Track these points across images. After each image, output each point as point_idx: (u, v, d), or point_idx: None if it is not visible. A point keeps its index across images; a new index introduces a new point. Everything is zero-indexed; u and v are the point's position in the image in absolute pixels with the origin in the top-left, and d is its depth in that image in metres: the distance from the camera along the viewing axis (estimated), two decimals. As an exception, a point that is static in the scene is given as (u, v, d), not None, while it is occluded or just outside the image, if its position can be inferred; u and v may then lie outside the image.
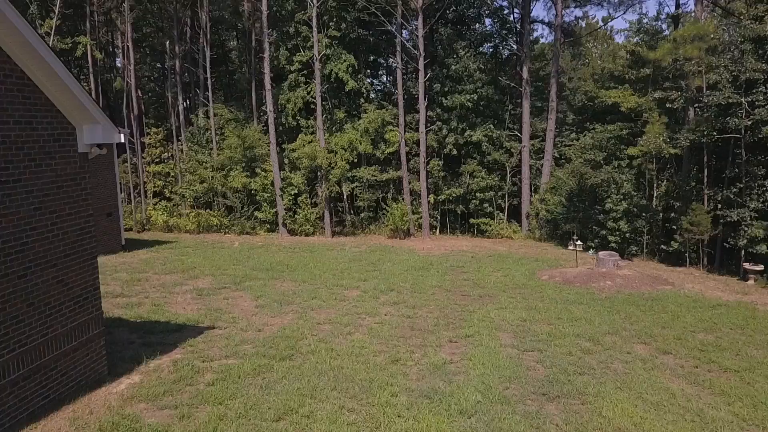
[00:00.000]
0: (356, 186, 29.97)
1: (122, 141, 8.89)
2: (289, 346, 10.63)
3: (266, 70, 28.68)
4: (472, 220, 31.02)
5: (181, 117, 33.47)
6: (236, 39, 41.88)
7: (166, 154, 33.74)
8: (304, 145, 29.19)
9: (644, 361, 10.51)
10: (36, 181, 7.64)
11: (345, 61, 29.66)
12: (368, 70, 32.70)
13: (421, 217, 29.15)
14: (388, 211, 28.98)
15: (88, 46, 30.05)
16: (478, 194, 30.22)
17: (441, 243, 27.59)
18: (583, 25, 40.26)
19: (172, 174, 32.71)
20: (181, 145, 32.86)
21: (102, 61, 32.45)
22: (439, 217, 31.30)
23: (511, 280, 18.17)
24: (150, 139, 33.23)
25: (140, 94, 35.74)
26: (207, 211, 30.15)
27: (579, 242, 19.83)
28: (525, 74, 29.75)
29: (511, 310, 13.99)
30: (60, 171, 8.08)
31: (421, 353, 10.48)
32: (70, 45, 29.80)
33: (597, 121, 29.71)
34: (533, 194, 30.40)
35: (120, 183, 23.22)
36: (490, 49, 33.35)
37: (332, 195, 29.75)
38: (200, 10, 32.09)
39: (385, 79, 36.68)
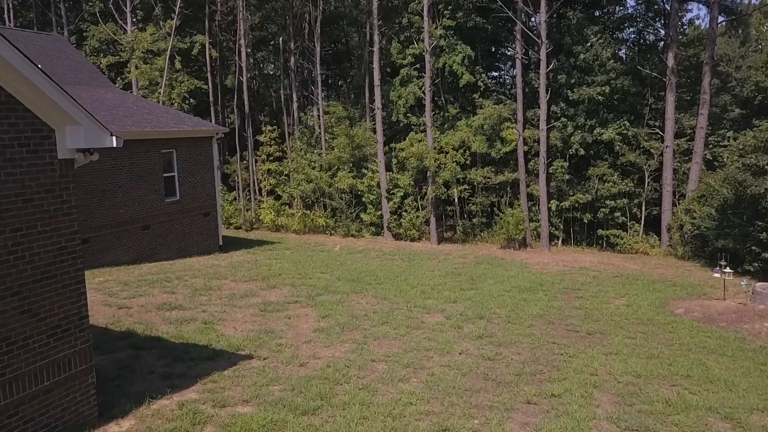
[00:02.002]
0: (464, 189, 27.43)
1: (114, 145, 7.47)
2: (322, 393, 8.69)
3: (375, 64, 27.13)
4: (600, 231, 27.17)
5: (295, 115, 33.03)
6: (356, 34, 40.98)
7: (280, 152, 33.49)
8: (412, 144, 27.24)
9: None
10: (-13, 192, 6.36)
11: (460, 52, 27.25)
12: (485, 62, 29.93)
13: (539, 226, 25.98)
14: (501, 218, 26.18)
15: (207, 45, 30.45)
16: (608, 201, 26.33)
17: (560, 257, 24.29)
18: (754, 1, 34.09)
19: (285, 173, 32.39)
20: (294, 143, 32.41)
21: (219, 60, 32.85)
22: (561, 227, 27.81)
23: (635, 311, 14.87)
24: (264, 137, 33.15)
25: (255, 92, 35.95)
26: (313, 211, 29.31)
27: (727, 268, 15.80)
28: (670, 61, 25.32)
29: (623, 357, 10.96)
30: (28, 181, 6.76)
31: (481, 420, 8.03)
32: (189, 44, 30.36)
33: (766, 116, 24.53)
34: (677, 203, 25.90)
35: (219, 181, 22.81)
36: (632, 35, 29.12)
37: (441, 198, 27.51)
38: (310, 5, 31.29)
39: (503, 71, 33.62)
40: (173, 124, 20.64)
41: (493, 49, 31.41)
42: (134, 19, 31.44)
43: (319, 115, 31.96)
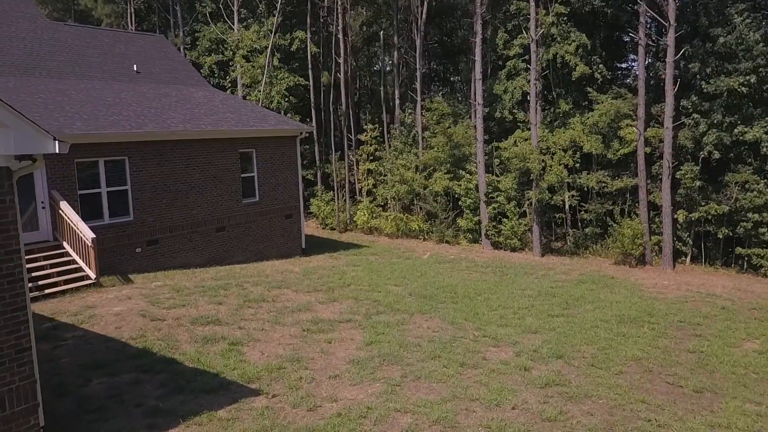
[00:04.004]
0: (573, 195, 24.33)
1: (57, 151, 6.32)
2: (313, 456, 7.03)
3: (477, 56, 24.92)
4: (739, 250, 22.85)
5: (396, 113, 31.60)
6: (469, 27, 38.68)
7: (380, 151, 32.24)
8: (516, 144, 24.68)
9: None
10: None
11: (573, 41, 24.22)
12: (604, 52, 26.41)
13: (661, 240, 22.33)
14: (616, 230, 22.86)
15: (308, 42, 29.90)
16: (751, 214, 22.02)
17: (685, 278, 20.63)
18: None
19: (383, 173, 31.10)
20: (392, 142, 31.00)
21: (321, 56, 32.18)
22: (690, 242, 23.78)
23: (771, 362, 11.60)
24: (365, 135, 32.05)
25: (357, 89, 34.97)
26: (406, 214, 27.68)
27: None
28: (841, 44, 20.54)
29: (740, 437, 8.16)
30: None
31: None
32: (289, 41, 30.00)
33: None
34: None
35: (301, 182, 21.88)
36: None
37: (549, 204, 24.67)
38: None
39: (626, 61, 29.65)
40: (254, 123, 19.98)
41: (615, 36, 27.73)
42: (240, 17, 31.77)
43: (417, 113, 30.23)
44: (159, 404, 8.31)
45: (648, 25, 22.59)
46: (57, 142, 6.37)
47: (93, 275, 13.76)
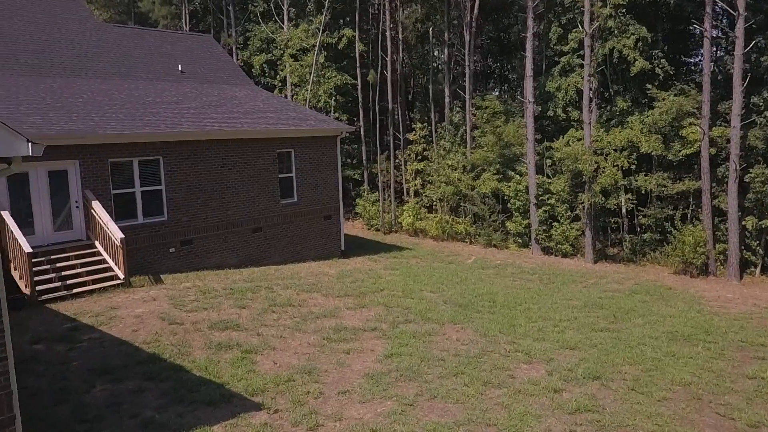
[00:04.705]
0: (630, 198, 22.82)
1: (31, 153, 5.99)
2: (301, 484, 6.48)
3: (528, 51, 23.80)
4: (817, 260, 20.84)
5: (446, 111, 30.76)
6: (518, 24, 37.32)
7: (428, 151, 31.47)
8: (568, 144, 23.41)
9: None
10: None
11: (632, 34, 22.72)
12: (666, 45, 24.61)
13: (727, 249, 20.60)
14: (676, 237, 21.27)
15: (356, 40, 29.48)
16: (831, 221, 20.01)
17: (753, 291, 18.91)
18: None
19: (430, 173, 30.33)
20: (440, 141, 30.18)
21: (369, 55, 31.67)
22: (760, 251, 21.84)
23: (844, 394, 10.19)
24: (414, 135, 31.36)
25: (406, 88, 34.29)
26: (452, 216, 26.81)
27: None
28: None
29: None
30: None
31: None
32: (336, 39, 29.68)
33: None
34: None
35: (341, 182, 21.45)
36: None
37: (604, 208, 23.28)
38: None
39: (689, 55, 27.60)
40: (293, 123, 19.69)
41: (679, 28, 25.85)
42: (289, 16, 31.73)
43: (466, 111, 29.28)
44: (155, 416, 7.98)
45: (715, 16, 20.85)
46: (30, 144, 6.06)
47: (122, 275, 13.75)
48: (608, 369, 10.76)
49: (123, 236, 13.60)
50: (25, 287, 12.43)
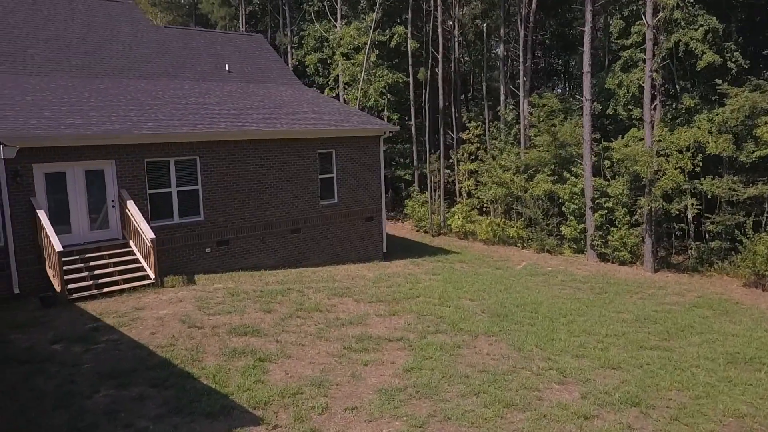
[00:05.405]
0: (694, 202, 21.11)
1: (3, 157, 5.78)
2: None
3: (585, 46, 22.58)
4: None
5: (502, 109, 29.67)
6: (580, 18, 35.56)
7: (482, 151, 30.47)
8: (628, 144, 21.96)
9: None
10: None
11: (701, 25, 21.01)
12: (740, 37, 22.56)
13: (805, 260, 18.70)
14: (746, 246, 19.52)
15: (408, 37, 28.86)
16: None
17: (833, 308, 17.01)
18: None
19: (481, 174, 29.35)
20: (493, 141, 29.13)
21: (424, 52, 30.91)
22: None
23: None
24: (467, 134, 30.43)
25: (471, 86, 33.35)
26: (504, 219, 25.75)
27: None
28: None
29: None
30: None
31: None
32: (388, 37, 29.17)
33: None
34: None
35: (383, 183, 20.92)
36: None
37: (667, 214, 21.70)
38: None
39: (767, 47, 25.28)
40: (334, 123, 19.33)
41: (756, 18, 23.70)
42: (342, 14, 31.50)
43: (520, 110, 28.11)
44: (150, 427, 7.71)
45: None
46: (2, 147, 5.84)
47: (152, 275, 13.76)
48: (651, 394, 9.75)
49: (154, 236, 13.59)
50: (57, 285, 12.60)
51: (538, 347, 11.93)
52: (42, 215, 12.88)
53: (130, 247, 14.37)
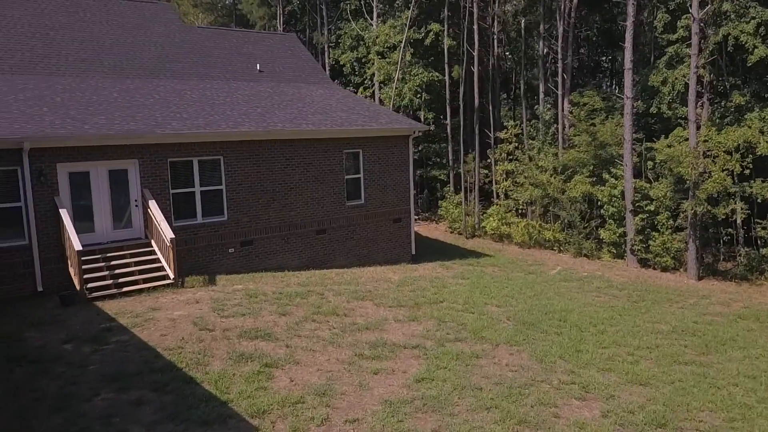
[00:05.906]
0: (743, 206, 19.86)
1: None
2: None
3: (627, 42, 21.54)
4: None
5: (540, 108, 28.78)
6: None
7: (519, 150, 29.61)
8: (671, 144, 20.86)
9: None
10: None
11: (753, 18, 19.76)
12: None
13: None
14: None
15: (445, 35, 28.30)
16: None
17: None
18: None
19: (520, 175, 28.53)
20: (531, 141, 28.27)
21: (462, 50, 30.24)
22: None
23: None
24: (505, 133, 29.64)
25: (499, 83, 32.49)
26: (540, 222, 24.91)
27: None
28: None
29: None
30: None
31: None
32: (423, 34, 28.67)
33: None
34: None
35: (411, 183, 20.47)
36: None
37: (713, 218, 20.52)
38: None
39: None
40: (362, 122, 19.01)
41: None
42: (378, 12, 31.16)
43: (558, 108, 27.16)
44: (146, 433, 7.54)
45: None
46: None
47: (172, 275, 13.73)
48: (680, 414, 9.05)
49: (173, 236, 13.56)
50: (78, 284, 12.69)
51: (562, 359, 11.31)
52: (64, 214, 13.01)
53: (152, 246, 14.40)
